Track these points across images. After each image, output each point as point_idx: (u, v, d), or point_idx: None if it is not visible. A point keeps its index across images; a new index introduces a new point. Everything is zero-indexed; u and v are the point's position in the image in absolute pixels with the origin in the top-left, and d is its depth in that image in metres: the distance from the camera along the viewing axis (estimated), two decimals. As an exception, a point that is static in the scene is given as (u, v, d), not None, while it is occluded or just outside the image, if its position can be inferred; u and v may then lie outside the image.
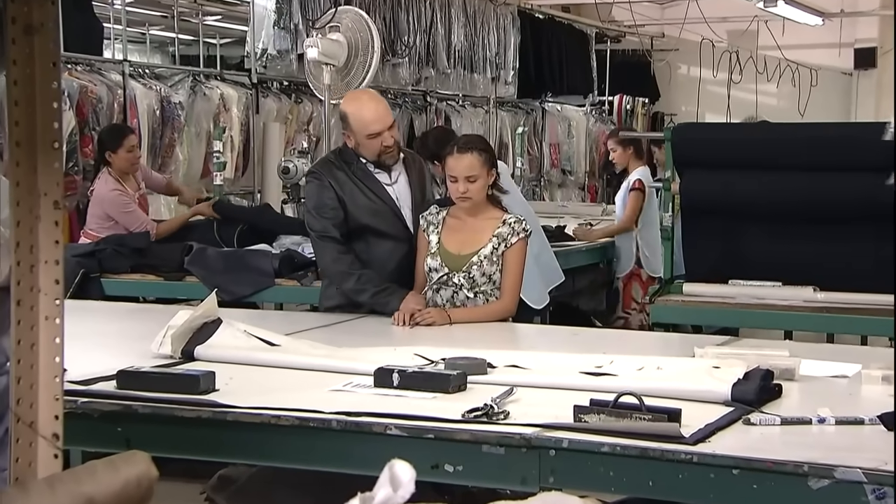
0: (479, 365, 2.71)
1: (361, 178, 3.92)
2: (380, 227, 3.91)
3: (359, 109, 3.85)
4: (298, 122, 8.35)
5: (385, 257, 3.90)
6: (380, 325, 3.67)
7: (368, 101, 3.88)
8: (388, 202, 3.91)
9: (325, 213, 3.89)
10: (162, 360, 2.92)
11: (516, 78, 10.98)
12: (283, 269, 4.96)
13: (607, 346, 3.15)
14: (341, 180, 3.92)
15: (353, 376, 2.71)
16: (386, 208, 3.90)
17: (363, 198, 3.90)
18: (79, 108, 6.60)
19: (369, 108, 3.83)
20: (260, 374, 2.82)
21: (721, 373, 2.54)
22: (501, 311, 3.75)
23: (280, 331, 3.23)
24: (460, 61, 9.92)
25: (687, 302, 4.62)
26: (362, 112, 3.83)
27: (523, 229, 3.75)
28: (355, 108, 3.86)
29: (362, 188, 3.91)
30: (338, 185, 3.91)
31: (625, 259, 6.77)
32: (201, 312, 3.03)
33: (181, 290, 5.12)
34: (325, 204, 3.90)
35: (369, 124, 3.81)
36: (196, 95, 7.47)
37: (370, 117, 3.81)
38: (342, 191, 3.90)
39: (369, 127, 3.81)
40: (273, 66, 8.12)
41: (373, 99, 3.90)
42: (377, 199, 3.91)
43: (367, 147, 3.85)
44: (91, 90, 6.70)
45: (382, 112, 3.84)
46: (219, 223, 5.61)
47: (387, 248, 3.91)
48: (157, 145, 7.17)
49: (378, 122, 3.81)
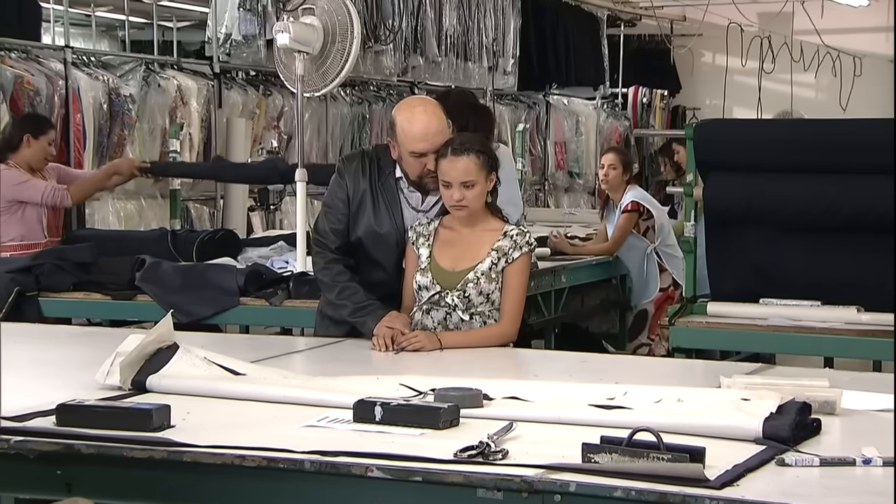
0: (473, 397, 2.71)
1: (385, 192, 3.88)
2: (374, 254, 3.90)
3: (408, 121, 3.76)
4: (267, 118, 8.36)
5: (371, 288, 3.86)
6: (360, 350, 3.67)
7: (421, 115, 3.77)
8: (397, 230, 3.86)
9: (331, 216, 3.92)
10: (109, 392, 2.90)
11: (517, 67, 11.00)
12: (248, 287, 4.95)
13: (621, 375, 3.15)
14: (361, 187, 3.88)
15: (329, 410, 2.70)
16: (393, 237, 3.87)
17: (372, 214, 3.87)
18: (13, 102, 6.59)
19: (419, 123, 3.74)
20: (222, 407, 2.81)
21: (751, 406, 2.54)
22: (500, 335, 3.75)
23: (245, 358, 3.22)
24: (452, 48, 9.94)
25: (712, 324, 4.62)
26: (411, 125, 3.75)
27: (527, 243, 3.75)
28: (405, 118, 3.78)
29: (378, 205, 3.87)
30: (355, 190, 3.88)
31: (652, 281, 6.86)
32: (154, 337, 3.03)
33: (131, 310, 5.11)
34: (335, 206, 3.91)
35: (414, 142, 3.74)
36: (149, 87, 7.48)
37: (417, 133, 3.73)
38: (355, 197, 3.88)
39: (414, 144, 3.74)
40: (238, 53, 8.13)
41: (427, 112, 3.78)
42: (388, 222, 3.87)
43: (408, 165, 3.80)
44: (27, 81, 6.70)
45: (434, 130, 3.74)
46: (174, 236, 5.60)
47: (376, 280, 3.89)
48: (104, 144, 7.17)
49: (425, 141, 3.73)
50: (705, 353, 4.91)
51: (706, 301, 4.82)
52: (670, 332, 4.64)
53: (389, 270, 3.90)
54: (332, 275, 3.89)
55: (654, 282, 6.89)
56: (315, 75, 5.72)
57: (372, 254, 3.90)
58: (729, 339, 4.72)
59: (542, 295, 6.24)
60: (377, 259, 3.90)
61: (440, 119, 3.78)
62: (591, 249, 7.00)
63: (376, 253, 3.90)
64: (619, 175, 7.02)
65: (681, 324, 4.64)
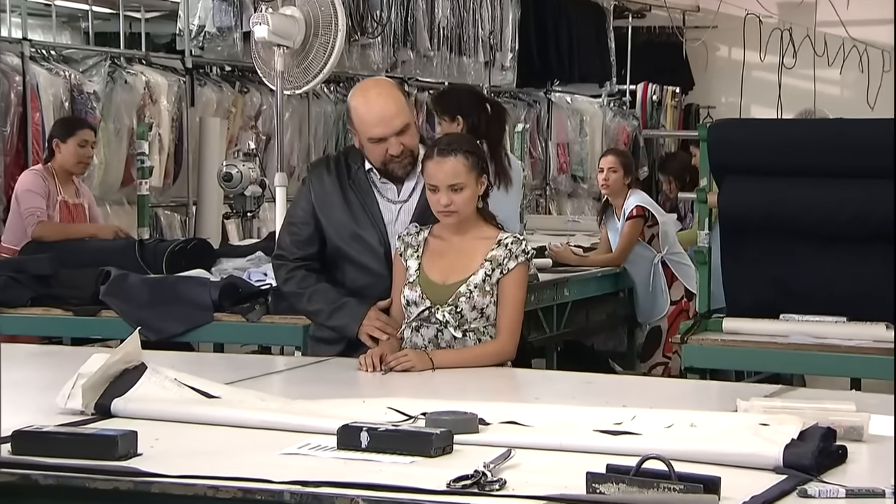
0: (468, 421, 2.71)
1: (357, 189, 3.92)
2: (357, 256, 3.93)
3: (363, 105, 3.84)
4: (244, 117, 8.37)
5: (358, 293, 3.91)
6: (345, 371, 3.67)
7: (376, 98, 3.84)
8: (377, 225, 3.91)
9: (291, 228, 4.00)
10: (70, 417, 2.89)
11: (515, 62, 11.03)
12: (223, 301, 4.95)
13: (629, 397, 3.15)
14: (328, 188, 3.94)
15: (310, 436, 2.70)
16: (373, 232, 3.91)
17: (346, 215, 3.92)
18: (-34, 100, 6.59)
19: (375, 107, 3.81)
20: (194, 433, 2.80)
21: (770, 431, 2.54)
22: (497, 353, 3.75)
23: (220, 379, 3.21)
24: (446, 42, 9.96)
25: (727, 342, 4.62)
26: (367, 109, 3.82)
27: (523, 251, 3.76)
28: (360, 102, 3.86)
29: (352, 202, 3.92)
30: (321, 193, 3.94)
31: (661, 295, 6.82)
32: (120, 356, 3.02)
33: (95, 327, 5.10)
34: (295, 215, 4.00)
35: (371, 127, 3.80)
36: (115, 83, 7.48)
37: (373, 118, 3.80)
38: (323, 202, 3.93)
39: (371, 130, 3.80)
40: (212, 46, 8.15)
41: (383, 95, 3.85)
42: (365, 220, 3.91)
43: (370, 152, 3.86)
44: (-18, 77, 6.70)
45: (391, 112, 3.80)
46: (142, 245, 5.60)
47: (363, 284, 3.93)
48: (65, 146, 7.16)
49: (382, 125, 3.79)
50: (720, 374, 4.92)
51: (721, 317, 4.82)
52: (682, 350, 4.64)
53: (375, 270, 3.92)
54: (297, 282, 3.96)
55: (663, 295, 6.86)
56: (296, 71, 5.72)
57: (354, 256, 3.93)
58: (746, 359, 4.73)
59: (543, 310, 6.24)
60: (361, 261, 3.93)
61: (397, 100, 3.85)
62: (596, 260, 6.98)
63: (358, 254, 3.93)
64: (621, 179, 6.99)
65: (694, 341, 4.64)
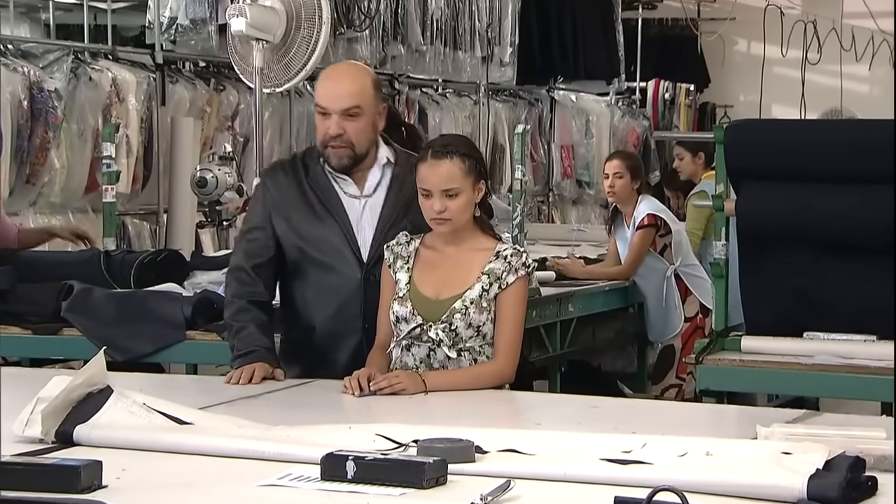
0: (463, 450, 2.71)
1: (316, 186, 4.00)
2: (320, 257, 3.99)
3: (324, 76, 4.02)
4: (219, 118, 8.36)
5: (326, 299, 3.98)
6: (329, 394, 3.67)
7: (339, 71, 4.08)
8: (340, 221, 3.97)
9: (246, 236, 4.09)
10: (28, 446, 2.89)
11: (515, 58, 11.04)
12: (197, 318, 4.95)
13: (639, 423, 3.15)
14: (284, 190, 4.01)
15: (292, 466, 2.70)
16: (336, 229, 3.97)
17: (306, 215, 3.98)
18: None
19: (331, 78, 3.98)
20: (164, 463, 2.80)
21: (793, 461, 2.54)
22: (494, 375, 3.75)
23: (193, 403, 3.21)
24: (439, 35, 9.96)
25: (746, 362, 4.63)
26: (323, 79, 4.00)
27: (523, 264, 3.76)
28: (324, 74, 4.05)
29: (311, 201, 3.99)
30: (277, 196, 4.01)
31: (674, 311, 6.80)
32: (84, 379, 3.02)
33: (56, 347, 5.09)
34: (250, 221, 4.09)
35: (319, 95, 3.96)
36: (79, 80, 7.47)
37: (324, 89, 3.96)
38: (280, 205, 3.99)
39: (318, 97, 3.96)
40: (185, 40, 8.14)
41: (348, 73, 4.04)
42: (327, 217, 3.97)
43: (316, 130, 4.00)
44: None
45: (344, 89, 3.91)
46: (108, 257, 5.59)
47: (330, 287, 3.98)
48: (23, 149, 7.15)
49: (329, 97, 3.91)
50: (739, 398, 4.92)
51: (739, 335, 4.82)
52: (697, 371, 4.65)
53: (341, 271, 3.97)
54: (233, 312, 4.04)
55: (677, 311, 6.84)
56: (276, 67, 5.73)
57: (317, 256, 3.99)
58: (767, 381, 4.73)
59: (546, 327, 6.24)
60: (325, 261, 3.98)
61: (360, 83, 3.94)
62: (603, 272, 6.96)
63: (322, 254, 3.98)
64: (628, 184, 6.94)
65: (710, 362, 4.64)
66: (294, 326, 4.12)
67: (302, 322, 4.07)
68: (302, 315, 4.07)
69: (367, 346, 3.92)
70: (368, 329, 3.93)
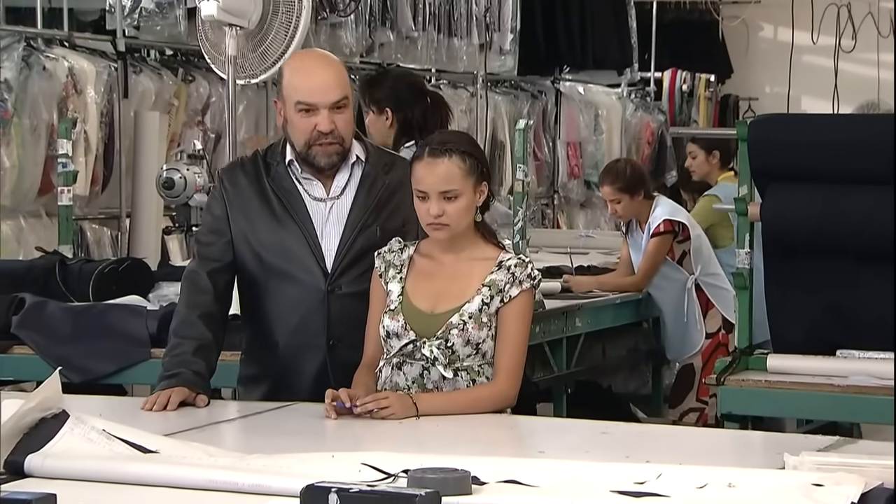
0: (459, 480, 2.71)
1: (277, 187, 4.00)
2: (282, 266, 3.99)
3: (297, 70, 4.01)
4: (188, 111, 8.36)
5: (286, 312, 3.99)
6: (310, 419, 3.67)
7: (313, 62, 4.07)
8: (303, 227, 3.97)
9: (202, 239, 4.12)
10: (-24, 476, 2.89)
11: (517, 45, 11.04)
12: (163, 334, 4.92)
13: (654, 451, 3.15)
14: (241, 188, 4.02)
15: (269, 499, 2.70)
16: (298, 236, 3.97)
17: (266, 219, 3.99)
18: None
19: (312, 69, 3.98)
20: (126, 496, 2.80)
21: (826, 494, 2.55)
22: (494, 397, 3.75)
23: (158, 430, 3.22)
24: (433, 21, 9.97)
25: (773, 383, 4.63)
26: (300, 73, 3.98)
27: (528, 276, 3.76)
28: (294, 67, 4.05)
29: (272, 203, 3.99)
30: (236, 197, 4.02)
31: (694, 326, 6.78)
32: (36, 403, 3.01)
33: (5, 366, 5.08)
34: (206, 223, 4.12)
35: (302, 92, 3.91)
36: (31, 70, 7.47)
37: (307, 83, 3.93)
38: (238, 206, 4.01)
39: (302, 95, 3.91)
40: (149, 26, 8.14)
41: (324, 64, 4.02)
42: (288, 221, 3.98)
43: (295, 127, 3.95)
44: None
45: (330, 80, 3.93)
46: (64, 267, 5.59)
47: (290, 299, 3.98)
48: (-29, 146, 7.17)
49: (316, 92, 3.90)
50: (765, 423, 4.92)
51: (765, 353, 4.83)
52: (719, 394, 4.65)
53: (306, 282, 3.97)
54: (176, 324, 4.04)
55: (697, 327, 6.82)
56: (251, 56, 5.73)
57: (278, 265, 3.99)
58: (795, 404, 4.73)
59: (551, 344, 6.24)
60: (287, 270, 3.99)
61: (339, 73, 3.98)
62: (614, 283, 6.94)
63: (284, 262, 3.99)
64: (629, 204, 6.83)
65: (732, 383, 4.65)
66: (254, 342, 4.14)
67: (262, 338, 4.08)
68: (261, 330, 4.07)
69: (333, 366, 3.93)
70: (334, 347, 3.95)
